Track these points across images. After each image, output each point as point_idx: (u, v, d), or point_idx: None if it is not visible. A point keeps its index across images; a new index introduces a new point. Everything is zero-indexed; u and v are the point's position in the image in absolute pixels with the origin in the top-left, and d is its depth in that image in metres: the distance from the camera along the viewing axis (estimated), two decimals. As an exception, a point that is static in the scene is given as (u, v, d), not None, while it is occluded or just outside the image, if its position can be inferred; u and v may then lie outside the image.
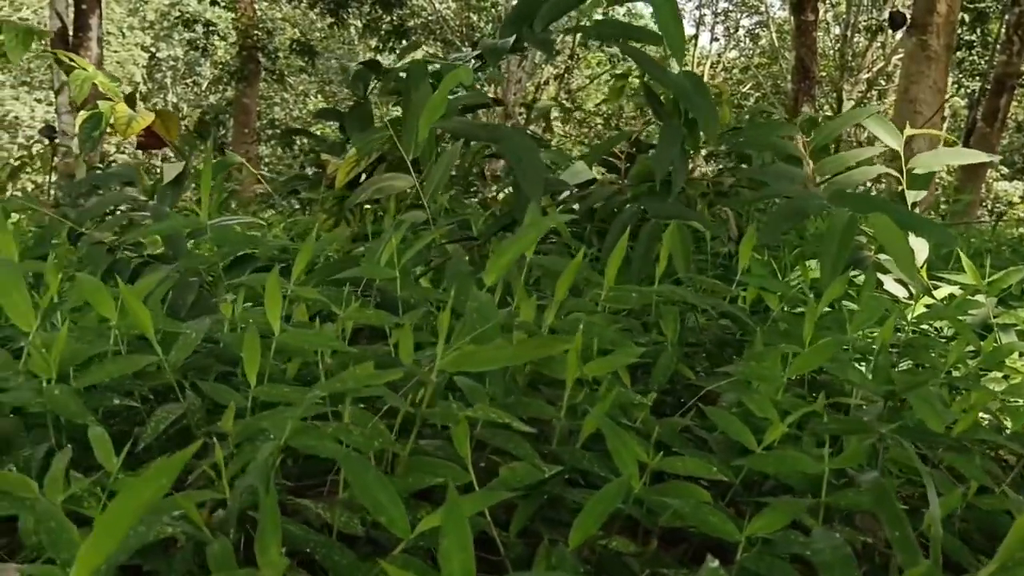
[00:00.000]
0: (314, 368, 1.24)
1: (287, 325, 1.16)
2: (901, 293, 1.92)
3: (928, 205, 5.54)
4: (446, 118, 1.77)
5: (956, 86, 14.04)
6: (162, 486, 0.53)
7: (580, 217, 2.22)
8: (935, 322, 1.95)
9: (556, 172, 2.53)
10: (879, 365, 1.27)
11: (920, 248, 1.86)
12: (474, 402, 0.98)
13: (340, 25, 13.99)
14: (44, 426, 1.08)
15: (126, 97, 2.63)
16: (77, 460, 0.91)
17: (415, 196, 2.30)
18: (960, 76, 13.91)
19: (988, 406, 1.40)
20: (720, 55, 22.21)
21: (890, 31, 13.89)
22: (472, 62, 2.31)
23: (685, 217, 1.91)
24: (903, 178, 2.03)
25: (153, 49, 23.88)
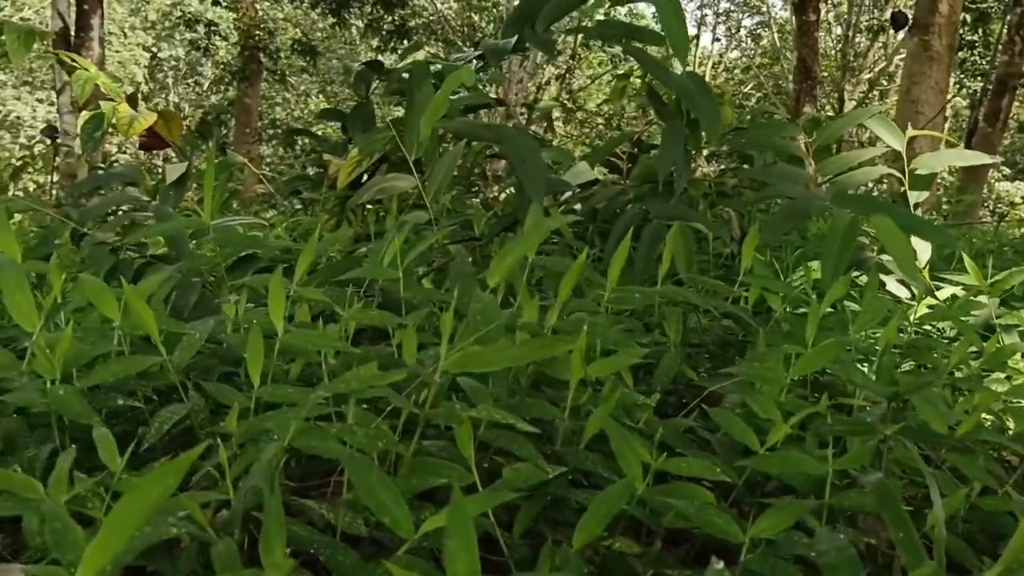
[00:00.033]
0: (317, 369, 1.24)
1: (290, 326, 1.16)
2: (903, 294, 1.92)
3: (930, 206, 5.54)
4: (448, 118, 1.78)
5: (958, 86, 14.03)
6: (168, 487, 0.53)
7: (582, 217, 2.22)
8: (937, 323, 1.95)
9: (558, 172, 2.53)
10: (883, 366, 1.27)
11: (923, 249, 1.86)
12: (478, 403, 0.98)
13: (342, 25, 14.00)
14: (48, 426, 1.08)
15: (128, 97, 2.63)
16: (80, 460, 0.91)
17: (417, 196, 2.30)
18: (962, 76, 13.90)
19: (991, 407, 1.40)
20: (722, 55, 22.20)
21: (892, 31, 13.89)
22: (474, 62, 2.32)
23: (688, 218, 1.91)
24: (905, 179, 2.03)
25: (155, 49, 23.90)
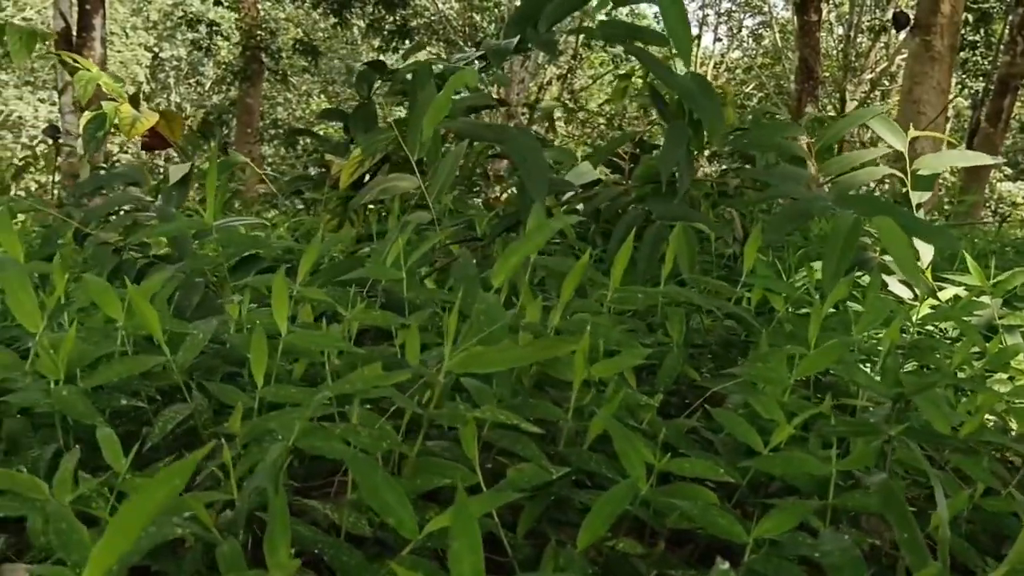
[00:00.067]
0: (320, 369, 1.24)
1: (293, 326, 1.16)
2: (906, 294, 1.91)
3: (932, 206, 5.54)
4: (451, 118, 1.78)
5: (960, 87, 14.02)
6: (175, 487, 0.53)
7: (585, 218, 2.22)
8: (940, 323, 1.95)
9: (560, 172, 2.53)
10: (887, 367, 1.27)
11: (925, 250, 1.86)
12: (481, 403, 0.98)
13: (343, 25, 14.00)
14: (51, 426, 1.08)
15: (130, 97, 2.63)
16: (84, 460, 0.91)
17: (419, 196, 2.30)
18: (964, 77, 13.89)
19: (994, 408, 1.40)
20: (723, 55, 22.19)
21: (894, 31, 13.88)
22: (476, 63, 2.32)
23: (690, 218, 1.91)
24: (907, 180, 2.03)
25: (156, 49, 23.92)
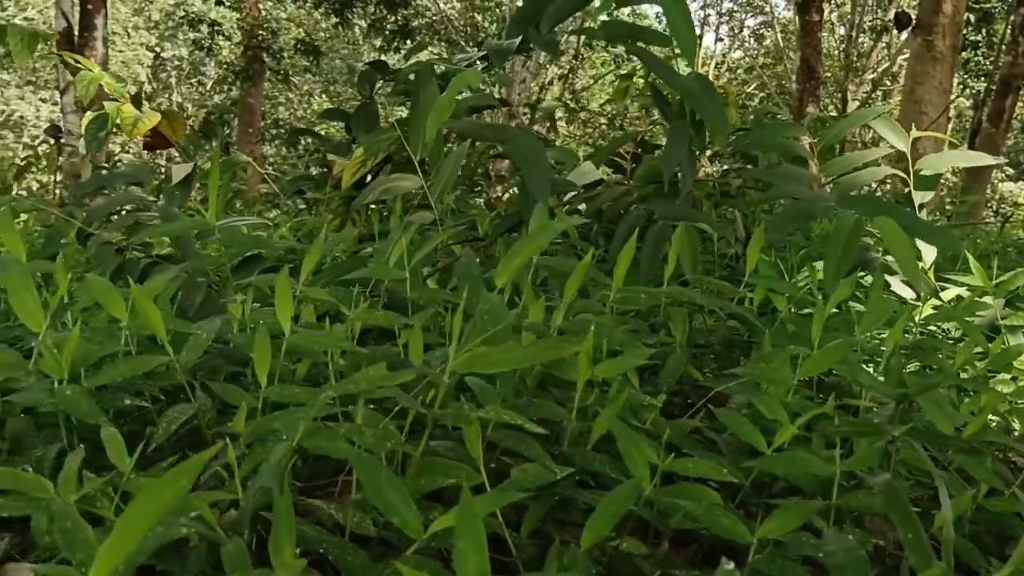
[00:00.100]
0: (324, 369, 1.24)
1: (296, 326, 1.16)
2: (908, 295, 1.91)
3: (934, 206, 5.54)
4: (453, 118, 1.78)
5: (961, 87, 14.01)
6: (183, 487, 0.53)
7: (588, 218, 2.22)
8: (942, 324, 1.95)
9: (562, 172, 2.53)
10: (892, 367, 1.27)
11: (927, 250, 1.86)
12: (486, 403, 0.98)
13: (345, 25, 14.01)
14: (55, 426, 1.09)
15: (132, 97, 2.63)
16: (88, 460, 0.91)
17: (421, 196, 2.30)
18: (965, 77, 13.88)
19: (996, 408, 1.40)
20: (724, 55, 22.18)
21: (895, 31, 13.87)
22: (478, 63, 2.32)
23: (693, 218, 1.90)
24: (910, 180, 2.03)
25: (158, 49, 23.93)
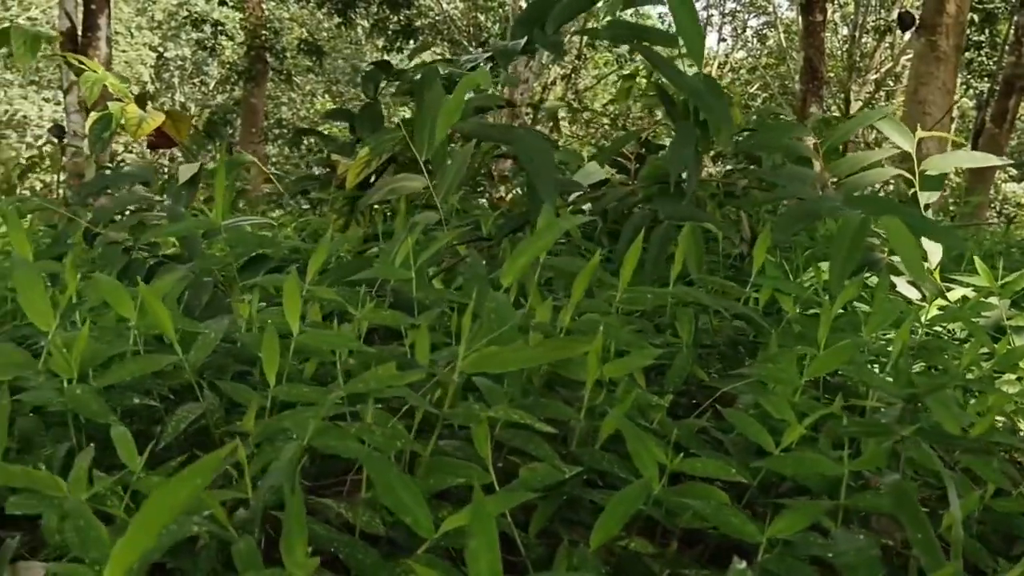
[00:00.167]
0: (331, 368, 1.24)
1: (303, 325, 1.16)
2: (914, 295, 1.91)
3: (938, 207, 5.53)
4: (460, 119, 1.78)
5: (965, 87, 13.99)
6: (197, 486, 0.53)
7: (593, 218, 2.22)
8: (948, 324, 1.95)
9: (565, 172, 2.53)
10: (900, 367, 1.27)
11: (933, 251, 1.86)
12: (494, 403, 0.98)
13: (347, 25, 14.01)
14: (63, 425, 1.09)
15: (137, 97, 2.64)
16: (96, 459, 0.91)
17: (425, 197, 2.30)
18: (969, 77, 13.86)
19: (1002, 408, 1.40)
20: (727, 56, 22.16)
21: (898, 32, 13.85)
22: (482, 64, 2.32)
23: (698, 219, 1.90)
24: (915, 180, 2.03)
25: (161, 49, 23.95)
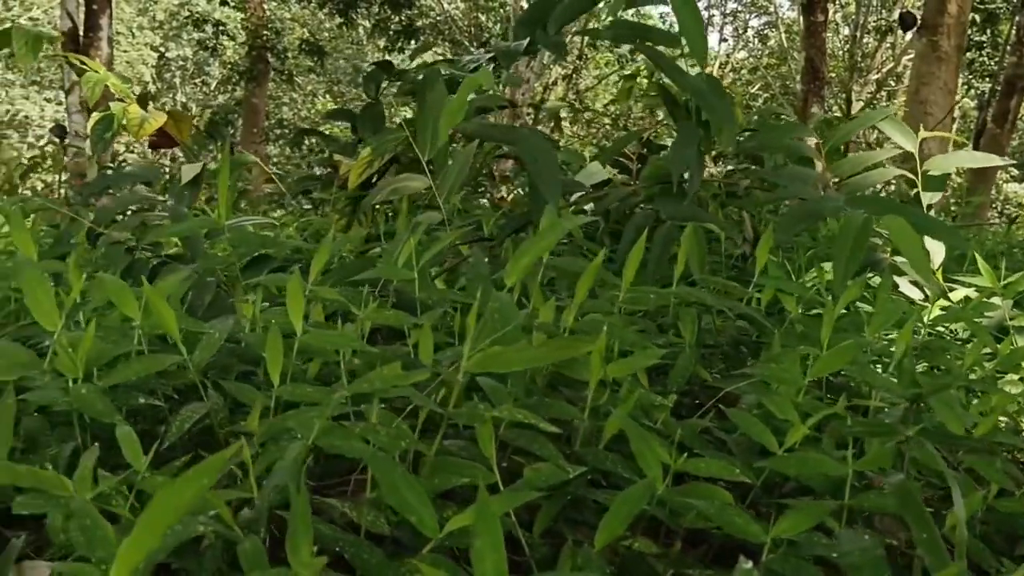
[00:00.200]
0: (334, 368, 1.24)
1: (307, 325, 1.16)
2: (916, 295, 1.91)
3: (939, 207, 5.52)
4: (463, 119, 1.78)
5: (966, 87, 13.98)
6: (203, 485, 0.54)
7: (596, 218, 2.22)
8: (950, 324, 1.95)
9: (568, 172, 2.53)
10: (905, 368, 1.27)
11: (936, 251, 1.86)
12: (498, 403, 0.98)
13: (349, 25, 14.01)
14: (68, 425, 1.09)
15: (138, 98, 2.64)
16: (101, 458, 0.91)
17: (427, 197, 2.30)
18: (970, 77, 13.85)
19: (1005, 409, 1.40)
20: (729, 56, 22.14)
21: (900, 32, 13.84)
22: (484, 65, 2.32)
23: (700, 219, 1.90)
24: (918, 180, 2.03)
25: (162, 49, 23.95)
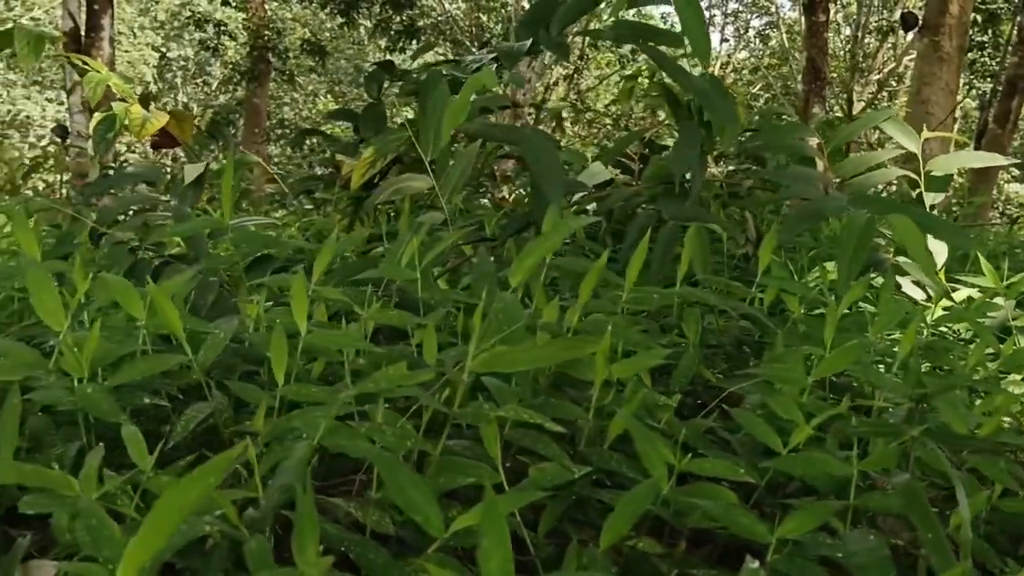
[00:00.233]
0: (338, 368, 1.24)
1: (310, 325, 1.17)
2: (919, 296, 1.91)
3: (941, 208, 5.53)
4: (466, 119, 1.78)
5: (968, 88, 13.97)
6: (209, 485, 0.54)
7: (599, 218, 2.22)
8: (953, 325, 1.95)
9: (570, 172, 2.53)
10: (911, 368, 1.27)
11: (939, 251, 1.86)
12: (503, 402, 0.99)
13: (350, 25, 14.02)
14: (73, 424, 1.09)
15: (140, 98, 2.64)
16: (106, 458, 0.91)
17: (429, 196, 2.30)
18: (972, 77, 13.84)
19: (1008, 409, 1.40)
20: (730, 56, 22.13)
21: (901, 32, 13.84)
22: (487, 65, 2.32)
23: (703, 219, 1.90)
24: (921, 180, 2.03)
25: (164, 49, 23.96)
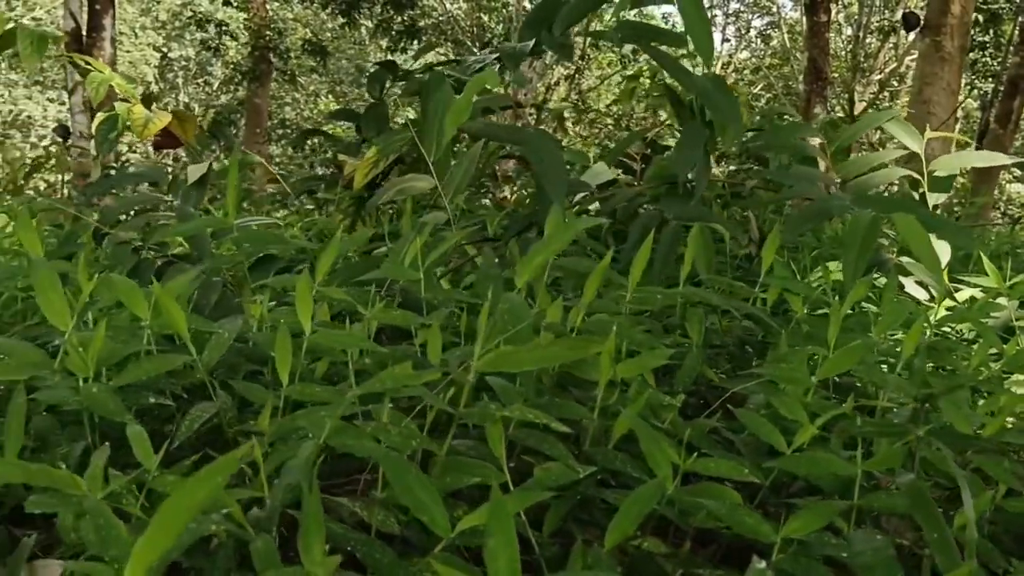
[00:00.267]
0: (342, 368, 1.24)
1: (314, 325, 1.17)
2: (922, 296, 1.91)
3: (943, 208, 5.52)
4: (468, 120, 1.78)
5: (969, 88, 13.95)
6: (217, 484, 0.54)
7: (602, 218, 2.23)
8: (956, 325, 1.95)
9: (572, 172, 2.53)
10: (916, 368, 1.27)
11: (943, 250, 1.86)
12: (508, 402, 0.99)
13: (351, 25, 14.03)
14: (78, 424, 1.09)
15: (143, 98, 2.64)
16: (111, 458, 0.91)
17: (431, 197, 2.31)
18: (973, 77, 13.83)
19: (1012, 409, 1.40)
20: (731, 56, 22.12)
21: (903, 32, 13.83)
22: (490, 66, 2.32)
23: (706, 219, 1.90)
24: (924, 180, 2.03)
25: (165, 49, 23.97)
